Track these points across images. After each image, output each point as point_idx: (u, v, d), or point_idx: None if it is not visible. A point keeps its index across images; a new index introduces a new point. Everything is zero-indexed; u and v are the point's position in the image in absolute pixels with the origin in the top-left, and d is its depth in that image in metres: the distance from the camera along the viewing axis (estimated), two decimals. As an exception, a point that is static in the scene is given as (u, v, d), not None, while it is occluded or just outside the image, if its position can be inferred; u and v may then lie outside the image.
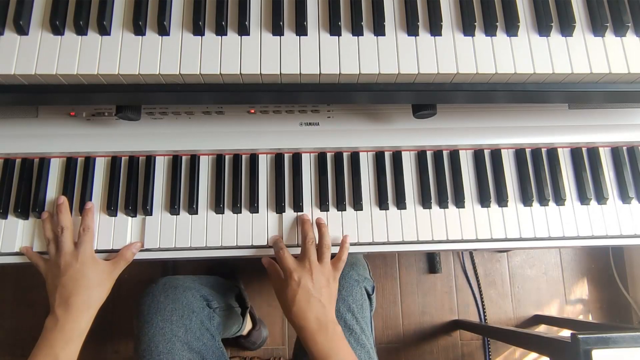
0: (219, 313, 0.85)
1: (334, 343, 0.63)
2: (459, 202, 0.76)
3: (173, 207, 0.73)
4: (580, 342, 0.79)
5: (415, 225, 0.75)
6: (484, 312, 1.48)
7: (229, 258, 0.74)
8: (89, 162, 0.75)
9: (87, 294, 0.65)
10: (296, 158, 0.77)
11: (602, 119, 0.79)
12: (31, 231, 0.72)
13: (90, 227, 0.69)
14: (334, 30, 0.59)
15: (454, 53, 0.59)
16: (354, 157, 0.77)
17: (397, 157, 0.77)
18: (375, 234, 0.74)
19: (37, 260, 0.69)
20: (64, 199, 0.71)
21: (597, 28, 0.61)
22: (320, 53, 0.59)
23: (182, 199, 0.74)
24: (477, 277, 1.50)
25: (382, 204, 0.75)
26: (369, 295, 0.85)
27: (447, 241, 0.75)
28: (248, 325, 1.25)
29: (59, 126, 0.75)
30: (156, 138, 0.75)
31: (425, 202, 0.76)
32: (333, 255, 0.72)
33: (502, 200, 0.76)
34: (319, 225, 0.72)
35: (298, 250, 0.72)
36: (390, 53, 0.59)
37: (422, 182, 0.77)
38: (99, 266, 0.67)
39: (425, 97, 0.66)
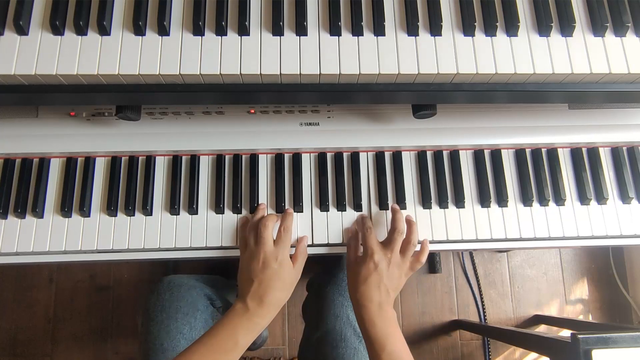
0: (222, 312, 0.85)
1: (390, 329, 0.65)
2: (459, 202, 0.76)
3: (173, 207, 0.73)
4: (580, 342, 0.79)
5: (415, 225, 0.75)
6: (484, 312, 1.48)
7: (229, 258, 0.74)
8: (89, 162, 0.75)
9: (279, 295, 0.66)
10: (296, 158, 0.77)
11: (602, 119, 0.79)
12: (32, 231, 0.72)
13: (290, 229, 0.70)
14: (334, 31, 0.59)
15: (454, 53, 0.59)
16: (354, 157, 0.77)
17: (397, 157, 0.77)
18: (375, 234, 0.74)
19: (241, 244, 0.71)
20: (264, 204, 0.74)
21: (597, 28, 0.61)
22: (320, 53, 0.59)
23: (182, 199, 0.74)
24: (477, 277, 1.50)
25: (382, 204, 0.75)
26: None
27: (447, 241, 0.75)
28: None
29: (59, 126, 0.75)
30: (156, 138, 0.75)
31: (425, 202, 0.76)
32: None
33: (502, 201, 0.76)
34: (409, 222, 0.72)
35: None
36: (390, 53, 0.59)
37: (422, 182, 0.77)
38: (291, 269, 0.68)
39: (425, 97, 0.66)
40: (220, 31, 0.59)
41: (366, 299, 0.65)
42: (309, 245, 0.73)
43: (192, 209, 0.73)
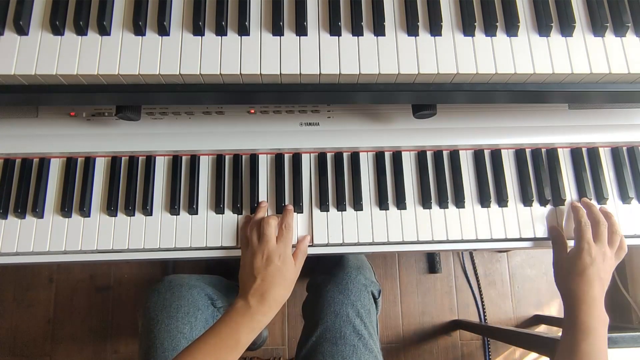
0: (223, 312, 0.85)
1: (600, 327, 0.65)
2: (459, 202, 0.76)
3: (173, 207, 0.73)
4: (580, 342, 0.79)
5: (415, 225, 0.75)
6: (484, 312, 1.48)
7: (229, 258, 0.74)
8: (89, 162, 0.75)
9: (280, 292, 0.66)
10: (296, 158, 0.77)
11: (602, 119, 0.79)
12: (32, 231, 0.72)
13: (291, 225, 0.71)
14: (334, 31, 0.59)
15: (453, 53, 0.59)
16: (354, 157, 0.77)
17: (397, 157, 0.77)
18: (375, 234, 0.74)
19: (242, 243, 0.72)
20: (265, 202, 0.75)
21: (597, 28, 0.61)
22: (320, 53, 0.59)
23: (182, 199, 0.74)
24: (477, 277, 1.50)
25: (382, 204, 0.75)
26: (375, 299, 0.85)
27: (447, 241, 0.75)
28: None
29: (59, 126, 0.75)
30: (156, 138, 0.75)
31: (425, 202, 0.76)
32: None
33: (502, 201, 0.76)
34: (607, 213, 0.74)
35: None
36: (390, 53, 0.59)
37: (422, 182, 0.77)
38: (293, 266, 0.68)
39: (425, 97, 0.66)
40: (220, 31, 0.59)
41: (583, 292, 0.66)
42: (309, 246, 0.73)
43: (192, 209, 0.73)
